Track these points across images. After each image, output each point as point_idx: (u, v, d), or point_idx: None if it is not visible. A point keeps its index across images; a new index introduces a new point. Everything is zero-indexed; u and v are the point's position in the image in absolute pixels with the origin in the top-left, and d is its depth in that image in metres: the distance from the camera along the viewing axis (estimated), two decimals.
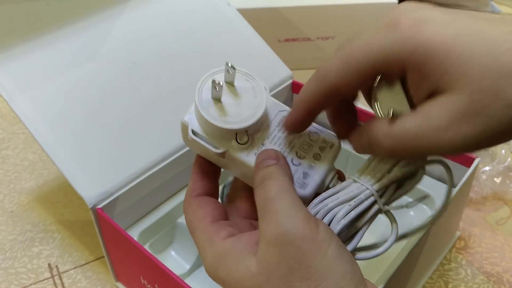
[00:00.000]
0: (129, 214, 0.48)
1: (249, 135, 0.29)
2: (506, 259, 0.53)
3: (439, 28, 0.23)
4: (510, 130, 0.23)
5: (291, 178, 0.28)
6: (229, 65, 0.29)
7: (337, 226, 0.28)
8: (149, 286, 0.45)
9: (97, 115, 0.49)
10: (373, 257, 0.29)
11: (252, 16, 0.65)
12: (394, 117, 0.26)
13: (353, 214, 0.28)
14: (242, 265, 0.26)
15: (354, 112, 0.30)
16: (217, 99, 0.29)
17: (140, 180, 0.47)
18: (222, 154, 0.29)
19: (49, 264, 0.55)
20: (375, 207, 0.29)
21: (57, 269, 0.54)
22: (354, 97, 0.29)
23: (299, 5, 0.79)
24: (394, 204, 0.30)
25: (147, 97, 0.52)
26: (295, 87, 0.61)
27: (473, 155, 0.50)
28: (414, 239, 0.42)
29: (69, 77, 0.49)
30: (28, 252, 0.56)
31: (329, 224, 0.28)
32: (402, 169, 0.29)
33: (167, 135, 0.50)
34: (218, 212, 0.29)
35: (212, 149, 0.29)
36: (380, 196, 0.29)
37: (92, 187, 0.45)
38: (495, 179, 0.60)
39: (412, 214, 0.53)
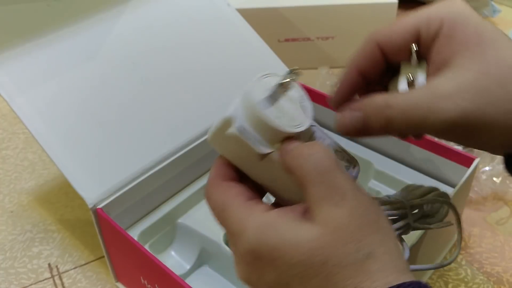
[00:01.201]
0: (129, 214, 0.48)
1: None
2: (506, 259, 0.53)
3: (479, 18, 0.27)
4: (502, 124, 0.26)
5: None
6: (294, 72, 0.29)
7: None
8: (149, 286, 0.45)
9: (97, 115, 0.49)
10: None
11: (252, 16, 0.65)
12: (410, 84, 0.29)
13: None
14: (300, 229, 0.25)
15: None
16: (274, 101, 0.28)
17: (140, 180, 0.47)
18: (264, 156, 0.28)
19: (49, 264, 0.55)
20: (405, 220, 0.29)
21: (57, 269, 0.54)
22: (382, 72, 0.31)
23: (299, 5, 0.79)
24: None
25: (147, 97, 0.52)
26: None
27: (472, 155, 0.50)
28: (413, 239, 0.42)
29: (70, 77, 0.49)
30: (28, 252, 0.56)
31: None
32: (435, 197, 0.32)
33: (168, 135, 0.50)
34: (252, 193, 0.29)
35: (260, 148, 0.28)
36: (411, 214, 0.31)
37: (93, 187, 0.45)
38: (495, 179, 0.60)
39: None
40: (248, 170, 0.31)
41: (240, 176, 0.31)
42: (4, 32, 0.48)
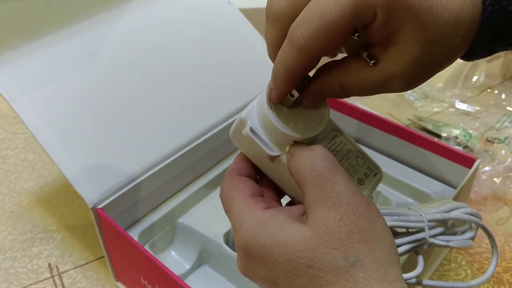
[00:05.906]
0: (129, 214, 0.48)
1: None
2: (506, 259, 0.53)
3: None
4: (441, 65, 0.27)
5: None
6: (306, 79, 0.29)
7: None
8: (149, 286, 0.45)
9: (97, 115, 0.49)
10: None
11: (253, 16, 0.65)
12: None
13: (394, 223, 0.29)
14: (290, 230, 0.26)
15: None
16: (287, 105, 0.29)
17: (140, 180, 0.47)
18: (274, 157, 0.29)
19: (49, 264, 0.55)
20: (422, 234, 0.29)
21: (57, 269, 0.54)
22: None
23: None
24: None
25: (148, 97, 0.52)
26: None
27: (473, 156, 0.50)
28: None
29: (70, 77, 0.49)
30: (28, 252, 0.56)
31: None
32: (459, 214, 0.32)
33: (168, 135, 0.50)
34: (257, 190, 0.30)
35: (268, 151, 0.29)
36: (430, 229, 0.30)
37: (93, 187, 0.45)
38: (495, 179, 0.60)
39: None
40: (263, 168, 0.31)
41: (259, 173, 0.32)
42: (4, 32, 0.48)
